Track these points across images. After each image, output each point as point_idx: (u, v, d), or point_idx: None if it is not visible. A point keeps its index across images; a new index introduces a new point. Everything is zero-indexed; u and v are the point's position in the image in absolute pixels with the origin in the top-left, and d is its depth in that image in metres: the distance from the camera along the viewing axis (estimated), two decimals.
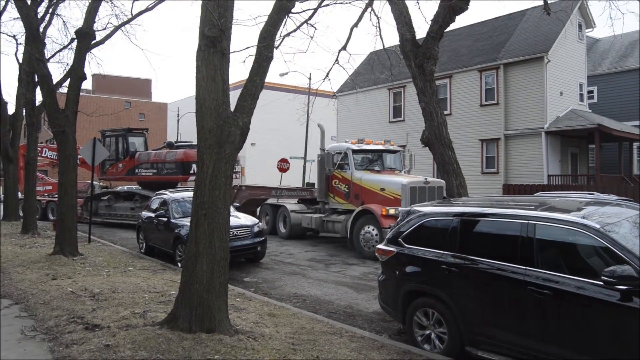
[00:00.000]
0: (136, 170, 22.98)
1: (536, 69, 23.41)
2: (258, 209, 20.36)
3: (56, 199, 23.10)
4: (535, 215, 5.45)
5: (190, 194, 12.02)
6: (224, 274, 6.29)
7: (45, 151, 25.37)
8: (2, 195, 24.28)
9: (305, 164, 35.92)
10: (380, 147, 16.48)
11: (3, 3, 21.50)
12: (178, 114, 52.40)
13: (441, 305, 6.00)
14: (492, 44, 26.48)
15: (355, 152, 15.78)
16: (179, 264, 11.60)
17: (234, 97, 6.01)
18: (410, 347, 6.26)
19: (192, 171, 20.12)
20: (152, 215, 13.66)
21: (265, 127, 44.65)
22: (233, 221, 9.85)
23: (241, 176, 22.82)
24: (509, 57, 24.34)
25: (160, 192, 15.41)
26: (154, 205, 14.37)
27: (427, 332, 6.20)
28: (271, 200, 19.94)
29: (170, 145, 23.83)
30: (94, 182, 25.75)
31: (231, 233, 8.77)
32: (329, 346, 6.06)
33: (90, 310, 7.24)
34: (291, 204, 18.65)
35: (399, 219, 7.16)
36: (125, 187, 24.93)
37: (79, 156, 15.90)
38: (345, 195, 15.65)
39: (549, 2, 16.96)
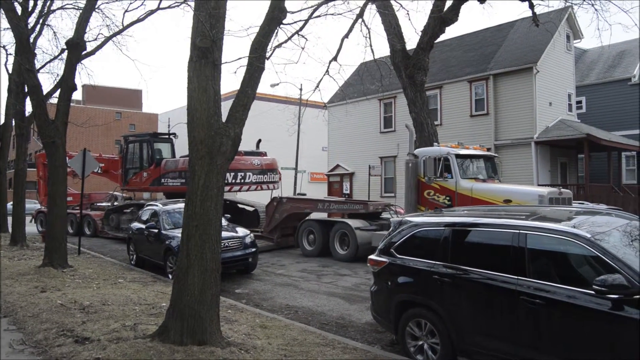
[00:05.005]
0: (162, 180, 20.70)
1: (525, 80, 23.59)
2: (299, 226, 16.90)
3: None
4: (526, 225, 5.48)
5: (181, 205, 11.99)
6: (216, 285, 6.25)
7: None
8: None
9: (296, 174, 35.88)
10: (482, 152, 14.26)
11: None
12: (169, 125, 52.14)
13: (433, 315, 5.99)
14: (482, 54, 26.71)
15: (458, 157, 13.48)
16: (170, 276, 11.53)
17: (225, 107, 6.00)
18: (403, 358, 6.24)
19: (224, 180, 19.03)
20: (143, 226, 13.57)
21: (257, 137, 44.59)
22: (224, 232, 9.81)
23: (280, 187, 20.79)
24: (498, 68, 24.53)
25: (151, 203, 15.24)
26: (145, 216, 14.28)
27: (420, 342, 6.18)
28: (318, 215, 17.42)
29: None
30: (116, 193, 25.21)
31: (222, 244, 8.73)
32: (321, 358, 6.03)
33: (80, 323, 7.17)
34: (349, 220, 15.69)
35: (390, 229, 7.16)
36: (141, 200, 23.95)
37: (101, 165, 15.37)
38: None
39: (537, 13, 17.18)
